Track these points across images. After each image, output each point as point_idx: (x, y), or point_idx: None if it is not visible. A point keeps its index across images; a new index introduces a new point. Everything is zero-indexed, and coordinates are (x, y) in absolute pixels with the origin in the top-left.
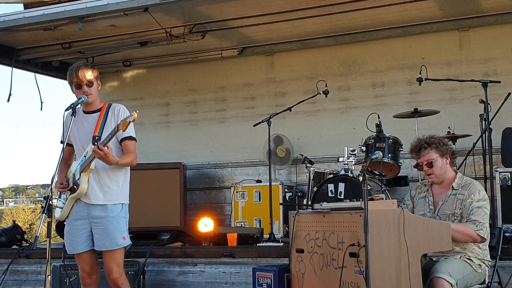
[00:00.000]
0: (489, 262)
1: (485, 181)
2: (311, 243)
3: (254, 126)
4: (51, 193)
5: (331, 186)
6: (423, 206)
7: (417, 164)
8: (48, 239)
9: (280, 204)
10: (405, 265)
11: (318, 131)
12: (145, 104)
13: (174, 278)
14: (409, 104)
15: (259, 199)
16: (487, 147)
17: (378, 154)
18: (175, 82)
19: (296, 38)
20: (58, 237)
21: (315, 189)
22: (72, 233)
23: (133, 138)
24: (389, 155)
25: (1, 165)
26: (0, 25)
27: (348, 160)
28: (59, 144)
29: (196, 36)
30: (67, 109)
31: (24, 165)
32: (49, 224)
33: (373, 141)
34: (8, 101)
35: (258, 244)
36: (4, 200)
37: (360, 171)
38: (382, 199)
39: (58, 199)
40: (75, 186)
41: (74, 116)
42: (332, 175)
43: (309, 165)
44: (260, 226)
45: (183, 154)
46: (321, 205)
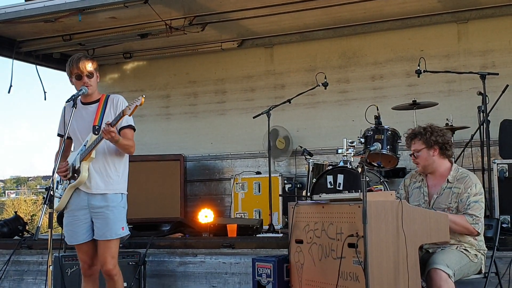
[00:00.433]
0: (485, 251)
1: (483, 173)
2: (310, 234)
3: (254, 118)
4: (53, 184)
5: (330, 178)
6: (418, 196)
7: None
8: (49, 229)
9: (280, 195)
10: (403, 255)
11: (317, 123)
12: (145, 96)
13: (174, 269)
14: (407, 96)
15: (259, 191)
16: (485, 139)
17: (377, 145)
18: (175, 74)
19: (296, 30)
20: (59, 228)
21: (314, 180)
22: (72, 224)
23: (132, 127)
24: (388, 147)
25: (3, 156)
26: (1, 17)
27: (347, 152)
28: (57, 137)
29: (196, 28)
30: (68, 101)
31: (25, 156)
32: (50, 215)
33: (372, 133)
34: (9, 92)
35: (257, 235)
36: (6, 191)
37: (359, 163)
38: (381, 190)
39: (56, 189)
40: (76, 174)
41: (75, 107)
42: (331, 167)
43: (308, 156)
44: (259, 217)
45: (183, 146)
46: (320, 196)
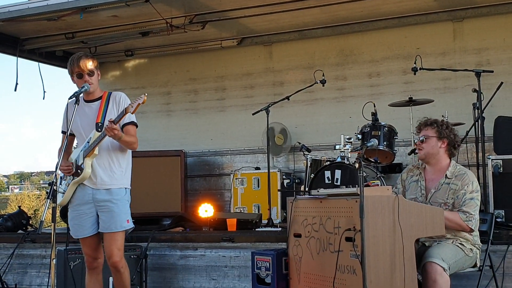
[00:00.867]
0: (480, 246)
1: (478, 168)
2: (308, 228)
3: (253, 114)
4: (56, 179)
5: (327, 173)
6: (415, 190)
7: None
8: (52, 223)
9: (278, 190)
10: (399, 249)
11: (315, 120)
12: (147, 93)
13: (175, 262)
14: (404, 93)
15: (258, 186)
16: (479, 135)
17: (374, 141)
18: (176, 72)
19: (294, 28)
20: (62, 222)
21: (312, 175)
22: (78, 218)
23: (134, 123)
24: (385, 143)
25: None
26: (5, 15)
27: (345, 148)
28: (61, 133)
29: (196, 27)
30: (70, 98)
31: (29, 152)
32: (53, 209)
33: (369, 129)
34: (15, 90)
35: (256, 229)
36: (10, 186)
37: (356, 158)
38: (378, 185)
39: (59, 185)
40: (79, 171)
41: (78, 104)
42: (329, 162)
43: (306, 152)
44: (258, 211)
45: (183, 141)
46: (318, 191)
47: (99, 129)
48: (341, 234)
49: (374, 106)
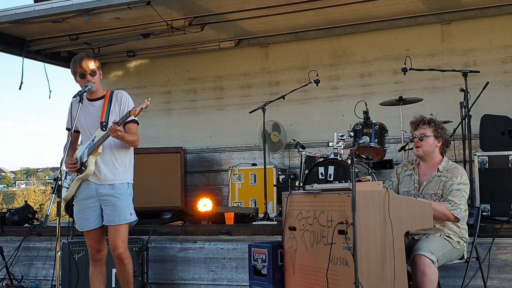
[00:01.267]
0: (467, 240)
1: (465, 165)
2: (303, 221)
3: (250, 113)
4: (61, 175)
5: (321, 169)
6: (408, 183)
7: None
8: (57, 217)
9: (274, 185)
10: (389, 241)
11: (310, 118)
12: (148, 92)
13: (175, 254)
14: (394, 92)
15: (255, 181)
16: (466, 133)
17: (365, 139)
18: (176, 72)
19: (290, 30)
20: (67, 216)
21: (306, 171)
22: (84, 211)
23: (136, 121)
24: (376, 140)
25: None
26: (12, 17)
27: (337, 145)
28: (66, 130)
29: (196, 29)
30: (75, 96)
31: (34, 149)
32: (58, 203)
33: (360, 127)
34: (20, 89)
35: (253, 223)
36: (16, 182)
37: (349, 155)
38: (369, 180)
39: (64, 180)
40: (83, 168)
41: (82, 103)
42: (322, 159)
43: (301, 149)
44: (255, 206)
45: (183, 139)
46: (312, 186)
47: (104, 128)
48: (334, 227)
49: (366, 105)
